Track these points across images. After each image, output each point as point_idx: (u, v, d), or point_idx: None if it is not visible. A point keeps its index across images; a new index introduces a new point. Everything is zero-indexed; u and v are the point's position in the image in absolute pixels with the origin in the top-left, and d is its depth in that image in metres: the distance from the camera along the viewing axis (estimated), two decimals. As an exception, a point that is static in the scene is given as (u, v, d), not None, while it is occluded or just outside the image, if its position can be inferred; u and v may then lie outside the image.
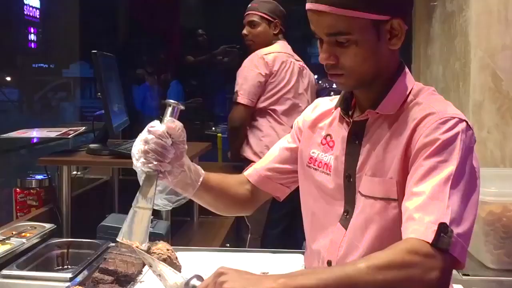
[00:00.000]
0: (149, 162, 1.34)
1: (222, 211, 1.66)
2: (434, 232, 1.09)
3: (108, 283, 1.60)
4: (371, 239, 1.28)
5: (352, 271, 1.08)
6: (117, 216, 2.36)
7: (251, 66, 3.14)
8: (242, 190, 1.57)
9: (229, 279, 1.06)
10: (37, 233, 2.02)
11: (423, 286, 1.08)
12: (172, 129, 1.35)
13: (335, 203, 1.37)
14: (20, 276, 1.65)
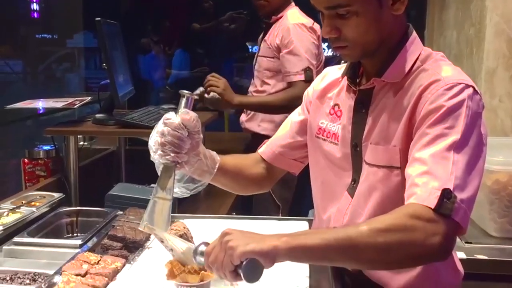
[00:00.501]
0: (167, 154, 1.36)
1: (240, 191, 1.70)
2: (437, 198, 1.10)
3: (117, 249, 1.63)
4: (374, 206, 1.30)
5: (354, 232, 1.10)
6: (124, 185, 2.39)
7: (308, 37, 2.76)
8: (257, 169, 1.59)
9: (234, 238, 1.10)
10: (46, 202, 2.05)
11: (424, 251, 1.10)
12: (187, 121, 1.37)
13: (343, 172, 1.38)
14: (31, 243, 1.68)
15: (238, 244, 1.08)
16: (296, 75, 2.69)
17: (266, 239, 1.10)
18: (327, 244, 1.09)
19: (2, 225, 1.77)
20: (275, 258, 1.09)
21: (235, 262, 1.08)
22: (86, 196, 2.48)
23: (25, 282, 1.46)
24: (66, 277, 1.38)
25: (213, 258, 1.12)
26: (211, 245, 1.15)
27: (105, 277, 1.42)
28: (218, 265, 1.11)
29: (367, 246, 1.09)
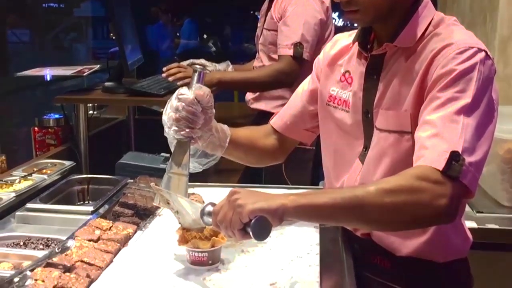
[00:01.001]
0: (181, 130, 1.37)
1: (253, 163, 1.70)
2: (445, 160, 1.10)
3: (128, 216, 1.64)
4: (383, 172, 1.29)
5: (361, 192, 1.11)
6: (134, 154, 2.41)
7: (309, 9, 2.48)
8: (270, 141, 1.60)
9: (242, 197, 1.11)
10: (57, 170, 2.06)
11: (430, 212, 1.10)
12: (201, 96, 1.36)
13: (355, 140, 1.38)
14: (44, 209, 1.70)
15: (246, 202, 1.09)
16: (285, 48, 2.42)
17: (274, 197, 1.11)
18: (334, 203, 1.10)
19: (15, 192, 1.78)
20: (283, 216, 1.10)
21: (243, 220, 1.09)
22: (96, 164, 2.49)
23: (38, 247, 1.48)
24: (78, 243, 1.40)
25: (221, 217, 1.13)
26: (218, 204, 1.16)
27: (117, 243, 1.43)
28: (226, 223, 1.12)
29: (374, 206, 1.10)
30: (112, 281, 1.28)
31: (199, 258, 1.31)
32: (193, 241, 1.31)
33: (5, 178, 1.92)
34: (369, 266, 1.41)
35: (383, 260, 1.39)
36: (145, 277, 1.30)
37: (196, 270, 1.32)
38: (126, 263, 1.37)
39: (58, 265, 1.27)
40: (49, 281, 1.19)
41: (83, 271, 1.27)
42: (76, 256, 1.33)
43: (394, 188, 1.10)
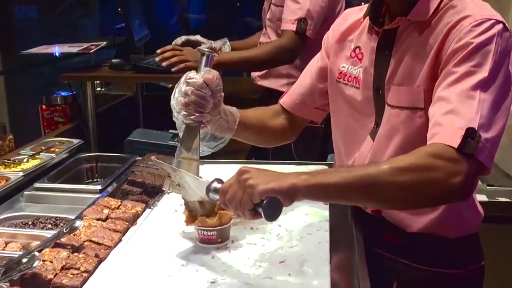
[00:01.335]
0: (191, 114, 1.34)
1: (263, 144, 1.69)
2: (461, 137, 1.06)
3: (137, 194, 1.64)
4: (395, 149, 1.27)
5: (374, 171, 1.08)
6: (143, 131, 2.39)
7: None
8: (279, 120, 1.57)
9: (252, 176, 1.07)
10: (65, 148, 2.06)
11: (445, 191, 1.08)
12: (210, 80, 1.34)
13: (365, 117, 1.35)
14: (52, 188, 1.70)
15: (257, 182, 1.06)
16: (288, 23, 2.34)
17: (286, 177, 1.08)
18: (347, 182, 1.07)
19: (23, 171, 1.78)
20: (295, 196, 1.08)
21: (255, 201, 1.07)
22: (105, 142, 2.49)
23: (47, 226, 1.48)
24: (87, 222, 1.39)
25: (231, 196, 1.10)
26: (227, 182, 1.13)
27: (125, 222, 1.42)
28: (236, 203, 1.09)
29: (387, 184, 1.07)
30: (121, 260, 1.27)
31: (208, 236, 1.30)
32: (200, 219, 1.30)
33: (13, 157, 1.92)
34: (379, 242, 1.40)
35: (393, 236, 1.38)
36: (153, 256, 1.29)
37: (205, 249, 1.31)
38: (135, 242, 1.36)
39: (67, 245, 1.27)
40: (58, 261, 1.19)
41: (92, 251, 1.26)
42: (85, 235, 1.32)
43: (408, 166, 1.07)
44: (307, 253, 1.29)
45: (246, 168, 1.11)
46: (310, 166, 1.89)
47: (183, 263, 1.25)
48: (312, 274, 1.20)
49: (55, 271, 1.16)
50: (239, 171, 1.11)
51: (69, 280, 1.14)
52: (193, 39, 2.52)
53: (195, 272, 1.21)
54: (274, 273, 1.20)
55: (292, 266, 1.23)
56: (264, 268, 1.23)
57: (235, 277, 1.19)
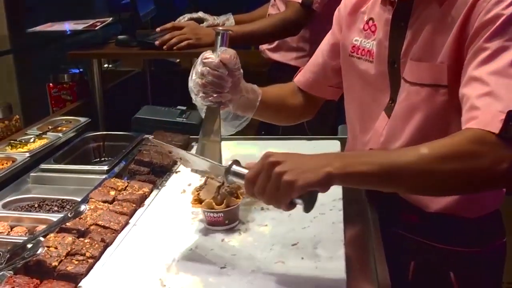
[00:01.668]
0: (209, 96, 1.30)
1: (283, 122, 1.65)
2: (501, 122, 0.98)
3: (144, 174, 1.59)
4: (414, 128, 1.20)
5: (413, 158, 1.00)
6: (151, 108, 2.34)
7: None
8: (297, 99, 1.53)
9: (287, 170, 0.98)
10: (72, 127, 2.01)
11: (489, 178, 1.00)
12: (226, 59, 1.28)
13: (380, 92, 1.29)
14: (58, 170, 1.66)
15: (294, 178, 0.97)
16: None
17: (319, 164, 1.00)
18: (383, 170, 1.00)
19: (29, 152, 1.74)
20: (330, 185, 1.01)
21: (293, 197, 1.00)
22: (113, 119, 2.44)
23: (53, 209, 1.45)
24: (93, 205, 1.36)
25: (261, 189, 1.01)
26: (253, 171, 1.03)
27: (132, 204, 1.38)
28: (270, 198, 1.01)
29: (427, 173, 1.00)
30: (127, 244, 1.23)
31: (215, 219, 1.26)
32: (206, 202, 1.25)
33: (19, 137, 1.88)
34: (395, 221, 1.35)
35: (411, 216, 1.32)
36: (161, 240, 1.25)
37: (214, 231, 1.27)
38: (142, 225, 1.32)
39: (72, 230, 1.23)
40: (62, 247, 1.15)
41: (98, 235, 1.23)
42: (91, 219, 1.29)
43: (450, 153, 0.99)
44: (321, 235, 1.24)
45: (274, 157, 1.01)
46: (321, 141, 1.84)
47: (192, 247, 1.21)
48: (326, 257, 1.15)
49: (59, 257, 1.13)
50: (266, 159, 1.01)
51: (74, 267, 1.11)
52: (195, 16, 2.47)
53: (203, 257, 1.17)
54: (286, 256, 1.16)
55: (305, 249, 1.19)
56: (275, 251, 1.18)
57: (245, 262, 1.14)
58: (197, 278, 1.09)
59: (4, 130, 1.92)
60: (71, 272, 1.10)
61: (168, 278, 1.10)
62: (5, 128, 1.93)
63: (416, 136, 1.18)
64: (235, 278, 1.09)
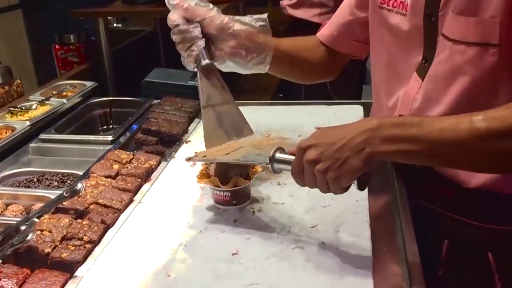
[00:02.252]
0: (189, 56, 1.17)
1: (302, 79, 1.50)
2: None
3: (152, 144, 1.48)
4: (457, 93, 1.04)
5: (466, 134, 0.88)
6: (161, 71, 2.21)
7: None
8: (318, 53, 1.37)
9: (328, 165, 0.91)
10: (78, 92, 1.89)
11: None
12: (187, 11, 1.16)
13: (412, 49, 1.12)
14: (59, 140, 1.55)
15: (337, 175, 0.91)
16: None
17: (359, 147, 0.90)
18: (433, 149, 0.89)
19: (30, 120, 1.63)
20: (374, 163, 0.92)
21: (344, 186, 0.94)
22: (124, 83, 2.32)
23: (53, 184, 1.34)
24: (94, 180, 1.24)
25: (311, 185, 0.96)
26: (296, 166, 0.96)
27: (137, 178, 1.27)
28: (325, 192, 0.95)
29: (484, 152, 0.88)
30: (131, 226, 1.12)
31: (221, 197, 1.14)
32: (212, 179, 1.13)
33: (20, 103, 1.76)
34: (427, 196, 1.20)
35: (446, 190, 1.17)
36: (168, 220, 1.13)
37: (226, 211, 1.15)
38: (147, 203, 1.21)
39: (69, 210, 1.12)
40: (57, 231, 1.04)
41: (98, 216, 1.12)
42: (91, 197, 1.17)
43: (510, 129, 0.86)
44: (343, 214, 1.11)
45: (310, 154, 0.93)
46: (343, 106, 1.69)
47: (201, 229, 1.09)
48: (350, 241, 1.03)
49: (54, 243, 1.02)
50: (303, 156, 0.94)
51: (70, 254, 1.00)
52: None
53: (214, 241, 1.06)
54: (305, 240, 1.04)
55: (326, 231, 1.06)
56: (293, 234, 1.06)
57: (259, 248, 1.02)
58: (205, 267, 0.98)
59: (4, 96, 1.81)
60: (66, 259, 0.99)
61: (174, 266, 0.99)
62: (5, 94, 1.81)
63: (460, 102, 1.03)
64: (248, 266, 0.98)
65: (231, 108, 1.22)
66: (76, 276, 0.97)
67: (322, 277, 0.94)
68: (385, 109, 1.24)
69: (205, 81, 1.21)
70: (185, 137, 1.54)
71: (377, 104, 1.30)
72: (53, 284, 0.94)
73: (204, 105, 1.21)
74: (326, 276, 0.94)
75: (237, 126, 1.22)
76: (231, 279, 0.95)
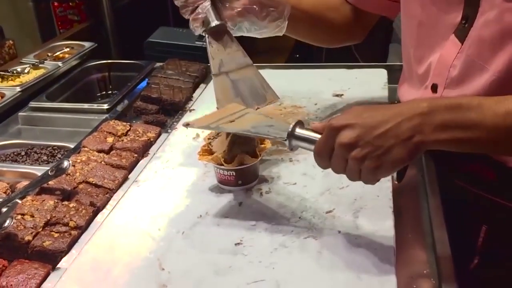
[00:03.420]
0: (195, 20, 1.07)
1: (324, 43, 1.37)
2: None
3: (152, 113, 1.35)
4: (508, 59, 0.89)
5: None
6: (166, 30, 2.06)
7: None
8: (342, 13, 1.23)
9: (366, 152, 0.77)
10: (75, 54, 1.75)
11: None
12: None
13: (450, 7, 0.96)
14: (50, 108, 1.42)
15: (377, 164, 0.77)
16: None
17: (406, 135, 0.76)
18: (492, 137, 0.78)
19: (21, 85, 1.50)
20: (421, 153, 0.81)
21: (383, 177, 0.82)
22: (128, 44, 2.17)
23: (41, 158, 1.22)
24: (85, 155, 1.12)
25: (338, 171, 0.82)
26: (322, 146, 0.81)
27: (134, 153, 1.14)
28: (353, 177, 0.82)
29: None
30: (123, 209, 1.00)
31: (225, 177, 1.01)
32: (214, 156, 1.00)
33: (12, 67, 1.63)
34: (466, 175, 1.05)
35: (487, 170, 1.03)
36: (165, 202, 1.01)
37: (231, 192, 1.02)
38: (142, 183, 1.08)
39: (56, 190, 1.00)
40: (40, 215, 0.93)
41: (87, 197, 1.00)
42: (81, 175, 1.05)
43: None
44: (363, 198, 0.98)
45: (345, 136, 0.78)
46: (365, 70, 1.54)
47: (202, 213, 0.97)
48: (371, 230, 0.90)
49: (35, 229, 0.90)
50: (333, 138, 0.79)
51: (53, 242, 0.88)
52: None
53: (215, 228, 0.93)
54: (319, 229, 0.91)
55: (342, 218, 0.93)
56: (305, 221, 0.93)
57: (266, 237, 0.90)
58: (204, 259, 0.86)
59: (-5, 59, 1.68)
60: (48, 248, 0.88)
61: (168, 258, 0.87)
62: (-5, 57, 1.68)
63: (510, 70, 0.88)
64: (252, 259, 0.85)
65: (249, 72, 1.10)
66: (58, 268, 0.86)
67: (337, 273, 0.82)
68: (415, 77, 1.08)
69: (215, 45, 1.09)
70: (189, 105, 1.41)
71: (407, 71, 1.15)
72: (32, 277, 0.83)
73: (215, 73, 1.09)
74: (342, 272, 0.82)
75: (258, 93, 1.10)
76: (233, 274, 0.83)
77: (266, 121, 0.93)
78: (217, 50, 1.10)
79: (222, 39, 1.10)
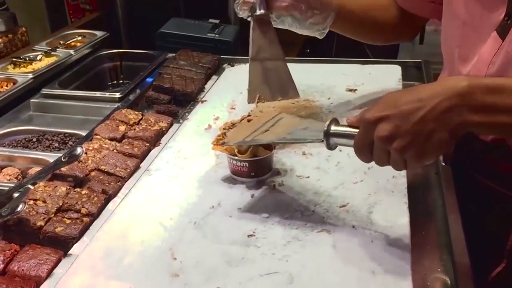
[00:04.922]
0: (244, 4, 1.12)
1: (372, 40, 1.34)
2: None
3: (164, 103, 1.34)
4: None
5: None
6: (179, 21, 2.04)
7: None
8: (391, 14, 1.23)
9: (406, 142, 0.74)
10: (87, 42, 1.75)
11: None
12: None
13: (494, 4, 0.93)
14: (62, 96, 1.42)
15: (420, 153, 0.75)
16: None
17: (447, 116, 0.73)
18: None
19: (33, 72, 1.50)
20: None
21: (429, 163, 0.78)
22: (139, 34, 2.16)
23: (53, 145, 1.22)
24: (97, 143, 1.11)
25: (380, 163, 0.80)
26: (361, 141, 0.79)
27: (146, 142, 1.14)
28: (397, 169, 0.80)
29: None
30: (135, 198, 1.00)
31: (238, 168, 1.00)
32: (229, 146, 0.99)
33: (24, 54, 1.63)
34: (497, 176, 1.01)
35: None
36: (177, 192, 1.01)
37: (243, 183, 1.01)
38: (154, 171, 1.08)
39: (68, 177, 1.00)
40: (52, 201, 0.92)
41: (99, 184, 0.99)
42: (93, 162, 1.05)
43: None
44: (377, 193, 0.97)
45: (383, 129, 0.75)
46: (378, 66, 1.53)
47: (214, 204, 0.96)
48: (385, 225, 0.89)
49: (47, 215, 0.90)
50: (372, 131, 0.77)
51: (65, 228, 0.88)
52: None
53: (227, 219, 0.92)
54: (332, 224, 0.90)
55: (356, 213, 0.92)
56: (319, 215, 0.92)
57: (279, 230, 0.89)
58: (216, 250, 0.85)
59: (8, 46, 1.68)
60: (60, 234, 0.87)
61: (180, 248, 0.86)
62: (8, 43, 1.68)
63: None
64: (265, 251, 0.85)
65: (280, 65, 1.18)
66: (70, 255, 0.86)
67: (351, 268, 0.81)
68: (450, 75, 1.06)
69: (258, 32, 1.16)
70: (200, 96, 1.40)
71: (448, 70, 1.11)
72: (44, 263, 0.83)
73: (252, 57, 1.16)
74: (356, 268, 0.81)
75: (283, 86, 1.17)
76: (245, 265, 0.82)
77: (300, 124, 0.92)
78: (258, 37, 1.16)
79: (265, 28, 1.15)
